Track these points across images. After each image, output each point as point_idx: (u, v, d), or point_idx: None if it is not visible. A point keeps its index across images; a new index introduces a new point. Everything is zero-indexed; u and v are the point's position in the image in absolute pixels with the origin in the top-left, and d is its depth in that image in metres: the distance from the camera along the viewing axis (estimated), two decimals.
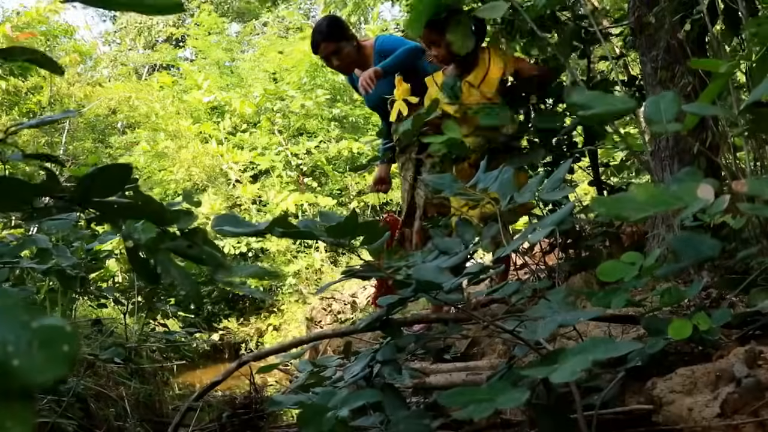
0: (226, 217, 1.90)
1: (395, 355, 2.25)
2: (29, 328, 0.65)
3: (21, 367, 0.63)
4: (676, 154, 3.38)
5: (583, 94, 1.62)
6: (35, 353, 0.64)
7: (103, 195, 1.38)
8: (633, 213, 1.31)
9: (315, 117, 14.65)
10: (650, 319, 2.13)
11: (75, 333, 0.67)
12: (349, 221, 1.79)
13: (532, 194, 2.27)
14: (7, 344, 0.63)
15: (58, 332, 0.66)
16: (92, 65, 17.09)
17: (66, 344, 0.66)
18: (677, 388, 1.90)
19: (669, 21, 3.13)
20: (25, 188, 1.35)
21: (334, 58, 4.88)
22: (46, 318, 0.66)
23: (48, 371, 0.64)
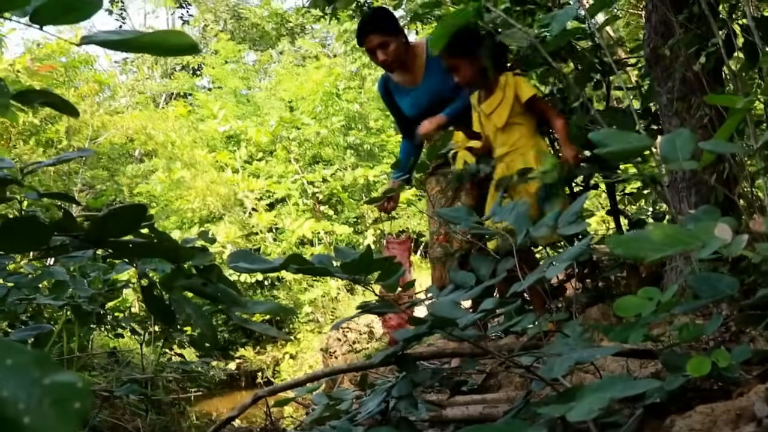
0: (242, 253, 1.90)
1: (411, 390, 2.23)
2: (41, 384, 0.65)
3: (32, 424, 0.63)
4: (693, 185, 3.36)
5: (600, 132, 1.62)
6: (46, 411, 0.64)
7: (118, 234, 1.38)
8: (650, 253, 1.31)
9: (330, 145, 14.71)
10: (668, 354, 2.10)
11: (87, 389, 0.66)
12: (364, 258, 1.78)
13: (549, 228, 2.26)
14: (18, 402, 0.63)
15: (70, 389, 0.66)
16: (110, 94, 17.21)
17: (78, 401, 0.65)
18: (696, 426, 1.88)
19: (684, 53, 3.12)
20: (43, 228, 1.36)
21: (380, 52, 4.52)
22: (58, 374, 0.66)
23: (59, 429, 0.64)
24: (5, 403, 0.63)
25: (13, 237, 1.32)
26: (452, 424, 3.08)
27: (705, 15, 2.90)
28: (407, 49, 4.57)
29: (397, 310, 2.10)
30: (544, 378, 1.98)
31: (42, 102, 1.23)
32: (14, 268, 4.03)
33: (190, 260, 1.60)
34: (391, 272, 1.90)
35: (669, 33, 3.31)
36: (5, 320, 3.48)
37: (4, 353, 0.66)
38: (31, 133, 12.45)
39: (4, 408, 0.63)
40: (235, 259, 1.87)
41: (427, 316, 2.13)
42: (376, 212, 13.82)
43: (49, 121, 12.73)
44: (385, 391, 2.31)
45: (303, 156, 14.66)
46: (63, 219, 1.43)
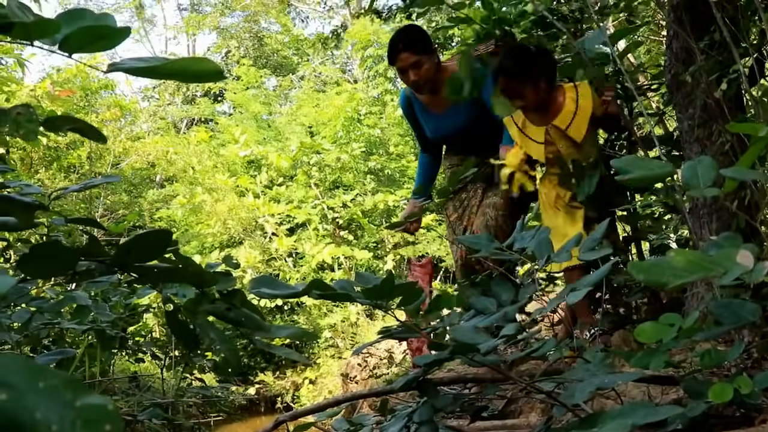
0: (263, 279, 1.91)
1: (432, 416, 2.23)
2: (73, 407, 0.66)
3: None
4: (714, 211, 3.35)
5: (622, 159, 1.63)
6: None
7: (144, 260, 1.40)
8: (671, 279, 1.31)
9: (351, 170, 14.76)
10: (690, 381, 2.10)
11: (117, 412, 0.68)
12: (386, 284, 1.79)
13: (569, 254, 2.27)
14: (51, 424, 0.64)
15: (101, 411, 0.67)
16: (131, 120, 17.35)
17: (108, 423, 0.66)
18: None
19: (705, 80, 3.13)
20: (69, 254, 1.37)
21: (413, 72, 4.36)
22: (89, 396, 0.67)
23: None
24: (38, 426, 0.64)
25: (40, 262, 1.34)
26: None
27: (726, 42, 2.91)
28: (439, 69, 4.43)
29: (418, 335, 2.10)
30: (565, 404, 1.98)
31: (69, 128, 1.26)
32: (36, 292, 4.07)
33: (214, 285, 1.61)
34: (413, 297, 1.91)
35: (690, 59, 3.32)
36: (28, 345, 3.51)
37: (36, 376, 0.67)
38: (53, 159, 12.55)
39: (37, 430, 0.64)
40: (257, 285, 1.88)
41: (448, 341, 2.13)
42: (396, 237, 13.83)
43: (71, 147, 12.84)
44: (406, 417, 2.31)
45: (323, 181, 14.71)
46: (89, 244, 1.45)
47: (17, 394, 0.66)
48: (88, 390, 0.70)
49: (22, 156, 11.92)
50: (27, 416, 0.65)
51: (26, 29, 1.14)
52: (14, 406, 0.65)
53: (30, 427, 0.64)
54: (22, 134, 1.16)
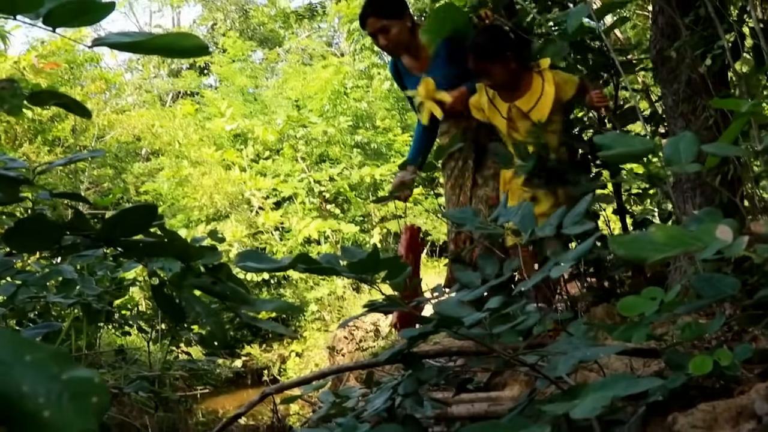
0: (249, 253, 1.92)
1: (417, 388, 2.25)
2: (59, 380, 0.67)
3: (51, 418, 0.65)
4: (698, 186, 3.38)
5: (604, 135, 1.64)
6: (65, 405, 0.66)
7: (130, 234, 1.40)
8: (652, 254, 1.33)
9: (337, 144, 14.72)
10: (671, 353, 2.12)
11: (104, 384, 0.69)
12: (371, 258, 1.80)
13: (553, 228, 2.28)
14: (38, 396, 0.65)
15: (88, 384, 0.68)
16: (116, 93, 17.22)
17: (95, 396, 0.67)
18: (698, 423, 1.90)
19: (690, 55, 3.14)
20: (54, 228, 1.38)
21: (381, 37, 4.36)
22: (75, 369, 0.68)
23: (78, 423, 0.66)
24: (25, 398, 0.65)
25: (25, 236, 1.35)
26: (457, 422, 3.10)
27: (711, 17, 2.92)
28: (414, 33, 4.38)
29: (403, 308, 2.12)
30: (548, 376, 2.00)
31: (54, 103, 1.26)
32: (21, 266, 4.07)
33: (199, 259, 1.62)
34: (397, 271, 1.92)
35: (675, 35, 3.33)
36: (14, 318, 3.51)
37: (23, 349, 0.68)
38: (37, 132, 12.46)
39: (24, 403, 0.65)
40: (243, 258, 1.89)
41: (433, 314, 2.15)
42: (382, 211, 13.83)
43: (56, 120, 12.75)
44: (391, 389, 2.33)
45: (310, 155, 14.67)
46: (74, 218, 1.46)
47: (4, 367, 0.67)
48: (75, 363, 0.71)
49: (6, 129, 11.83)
50: (14, 389, 0.66)
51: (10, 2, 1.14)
52: (1, 379, 0.66)
53: (17, 399, 0.65)
54: (7, 109, 1.16)
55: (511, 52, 3.86)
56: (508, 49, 3.87)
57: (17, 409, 0.65)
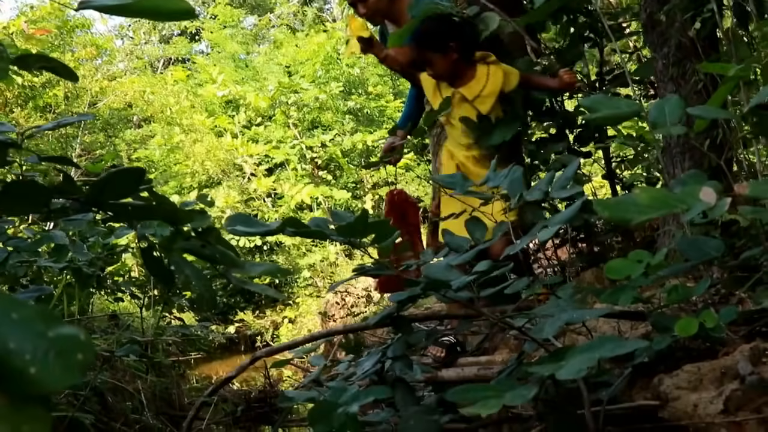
0: (239, 216, 1.93)
1: (406, 351, 2.27)
2: (46, 337, 0.68)
3: (38, 374, 0.66)
4: (687, 150, 3.39)
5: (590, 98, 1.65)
6: (51, 361, 0.67)
7: (118, 197, 1.41)
8: (636, 216, 1.34)
9: (329, 110, 14.69)
10: (658, 316, 2.14)
11: (90, 342, 0.70)
12: (360, 221, 1.82)
13: (542, 192, 2.30)
14: (24, 353, 0.66)
15: (74, 341, 0.69)
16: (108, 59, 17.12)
17: (81, 353, 0.69)
18: (683, 384, 1.92)
19: (680, 18, 3.14)
20: (42, 191, 1.39)
21: (360, 5, 4.33)
22: (61, 327, 0.69)
23: (63, 379, 0.67)
24: (12, 355, 0.66)
25: (13, 199, 1.35)
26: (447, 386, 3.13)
27: None
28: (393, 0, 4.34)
29: (391, 272, 2.13)
30: (535, 339, 2.02)
31: (41, 66, 1.26)
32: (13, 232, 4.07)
33: (188, 223, 1.63)
34: (386, 235, 1.93)
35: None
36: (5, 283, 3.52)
37: (10, 307, 0.69)
38: (28, 98, 12.39)
39: (11, 359, 0.66)
40: (233, 222, 1.90)
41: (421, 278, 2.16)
42: (374, 177, 13.84)
43: (47, 86, 12.68)
44: (380, 352, 2.35)
45: (302, 121, 14.64)
46: (63, 182, 1.46)
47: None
48: (61, 321, 0.72)
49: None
50: (1, 346, 0.67)
51: None
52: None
53: (4, 356, 0.66)
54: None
55: (455, 41, 3.88)
56: (451, 39, 3.88)
57: (4, 366, 0.66)
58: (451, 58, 3.90)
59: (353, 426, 1.75)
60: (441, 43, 3.89)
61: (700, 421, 1.74)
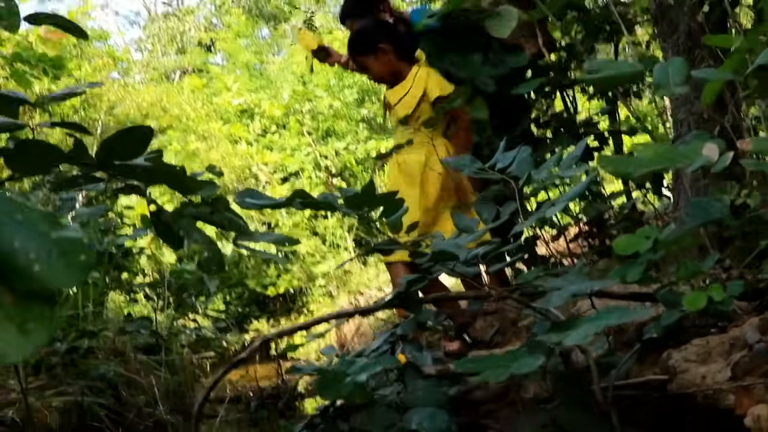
0: (248, 191, 1.95)
1: (415, 331, 2.28)
2: (49, 238, 0.70)
3: (41, 272, 0.68)
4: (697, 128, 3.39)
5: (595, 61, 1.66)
6: (55, 260, 0.69)
7: (126, 157, 1.43)
8: (636, 170, 1.35)
9: (344, 118, 14.71)
10: (666, 292, 2.15)
11: (92, 245, 0.72)
12: (366, 192, 1.83)
13: (550, 171, 2.31)
14: (29, 252, 0.68)
15: (76, 243, 0.71)
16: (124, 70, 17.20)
17: (83, 254, 0.70)
18: (692, 357, 1.93)
19: (689, 3, 3.15)
20: (53, 151, 1.41)
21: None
22: (65, 230, 0.71)
23: (66, 277, 0.69)
24: (17, 253, 0.68)
25: (26, 158, 1.38)
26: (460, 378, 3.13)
27: None
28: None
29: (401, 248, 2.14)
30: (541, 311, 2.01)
31: (50, 22, 1.28)
32: None
33: (197, 190, 1.65)
34: (394, 208, 1.95)
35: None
36: None
37: (16, 210, 0.71)
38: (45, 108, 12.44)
39: (15, 257, 0.68)
40: (242, 195, 1.92)
41: None
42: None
43: None
44: (390, 332, 2.36)
45: (316, 129, 14.66)
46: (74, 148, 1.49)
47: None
48: (65, 225, 0.74)
49: None
50: (6, 245, 0.69)
51: None
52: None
53: (9, 254, 0.68)
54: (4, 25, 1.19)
55: (388, 44, 3.93)
56: (382, 42, 3.93)
57: (9, 264, 0.68)
58: (384, 60, 3.95)
59: (361, 394, 1.76)
60: (370, 46, 3.95)
61: (708, 388, 1.74)
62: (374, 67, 4.00)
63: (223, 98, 15.26)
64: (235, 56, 18.67)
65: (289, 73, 16.78)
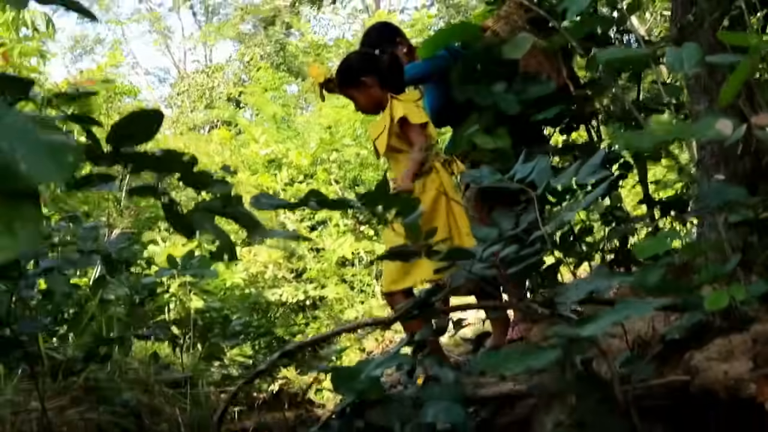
0: (263, 195, 1.96)
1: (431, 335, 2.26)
2: (37, 139, 0.70)
3: (28, 170, 0.68)
4: (722, 159, 3.35)
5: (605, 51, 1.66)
6: (42, 160, 0.69)
7: (137, 141, 1.43)
8: (648, 143, 1.34)
9: (370, 166, 14.77)
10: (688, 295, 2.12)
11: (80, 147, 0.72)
12: (379, 188, 1.83)
13: (570, 179, 2.29)
14: (15, 150, 0.68)
15: (65, 144, 0.71)
16: None
17: (71, 155, 0.70)
18: (714, 356, 1.90)
19: (708, 20, 3.13)
20: None
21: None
22: (54, 133, 0.71)
23: (54, 175, 0.69)
24: (5, 153, 0.68)
25: None
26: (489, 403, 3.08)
27: None
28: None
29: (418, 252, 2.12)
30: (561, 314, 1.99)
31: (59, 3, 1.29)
32: None
33: (209, 185, 1.65)
34: (409, 209, 1.94)
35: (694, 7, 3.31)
36: None
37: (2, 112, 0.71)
38: None
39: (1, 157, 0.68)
40: (258, 198, 1.93)
41: None
42: None
43: None
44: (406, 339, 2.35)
45: (343, 178, 14.73)
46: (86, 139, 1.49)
47: None
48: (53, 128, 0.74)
49: None
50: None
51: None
52: None
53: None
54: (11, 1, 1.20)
55: (371, 77, 3.99)
56: (365, 75, 4.00)
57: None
58: (367, 93, 4.03)
59: (377, 389, 1.75)
60: (354, 79, 4.03)
61: (728, 380, 1.71)
62: (359, 99, 4.10)
63: (251, 149, 15.40)
64: (262, 109, 18.84)
65: (316, 124, 16.92)
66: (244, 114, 24.80)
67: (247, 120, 21.59)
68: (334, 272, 12.94)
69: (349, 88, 4.09)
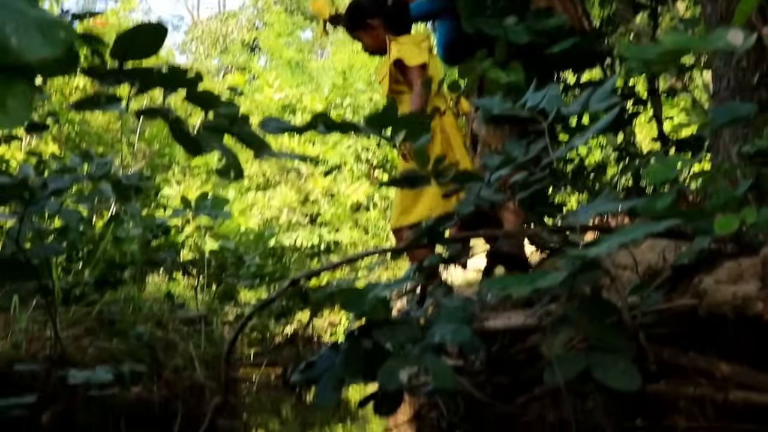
0: (273, 119, 1.95)
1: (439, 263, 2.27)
2: (28, 15, 0.69)
3: (19, 45, 0.67)
4: (738, 92, 3.32)
5: None
6: (33, 36, 0.68)
7: (141, 55, 1.42)
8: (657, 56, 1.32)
9: None
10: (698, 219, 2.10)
11: (71, 25, 0.71)
12: (387, 110, 1.81)
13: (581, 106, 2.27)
14: (5, 25, 0.67)
15: (56, 21, 0.70)
16: None
17: (63, 31, 0.70)
18: (723, 279, 1.89)
19: None
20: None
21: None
22: (44, 12, 0.70)
23: (45, 50, 0.68)
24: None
25: None
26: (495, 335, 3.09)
27: None
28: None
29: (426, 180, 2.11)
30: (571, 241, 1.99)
31: None
32: None
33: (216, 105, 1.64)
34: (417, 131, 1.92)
35: None
36: None
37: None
38: None
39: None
40: (267, 122, 1.92)
41: None
42: None
43: None
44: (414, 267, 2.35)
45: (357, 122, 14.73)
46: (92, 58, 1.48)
47: None
48: (44, 9, 0.73)
49: None
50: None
51: None
52: None
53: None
54: None
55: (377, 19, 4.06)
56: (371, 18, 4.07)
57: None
58: (373, 35, 4.09)
59: (384, 309, 1.75)
60: (360, 21, 4.12)
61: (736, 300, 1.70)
62: (365, 40, 4.16)
63: (264, 94, 15.33)
64: (276, 54, 18.76)
65: (330, 69, 16.85)
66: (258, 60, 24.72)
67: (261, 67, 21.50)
68: (348, 217, 12.96)
69: (357, 30, 4.16)
